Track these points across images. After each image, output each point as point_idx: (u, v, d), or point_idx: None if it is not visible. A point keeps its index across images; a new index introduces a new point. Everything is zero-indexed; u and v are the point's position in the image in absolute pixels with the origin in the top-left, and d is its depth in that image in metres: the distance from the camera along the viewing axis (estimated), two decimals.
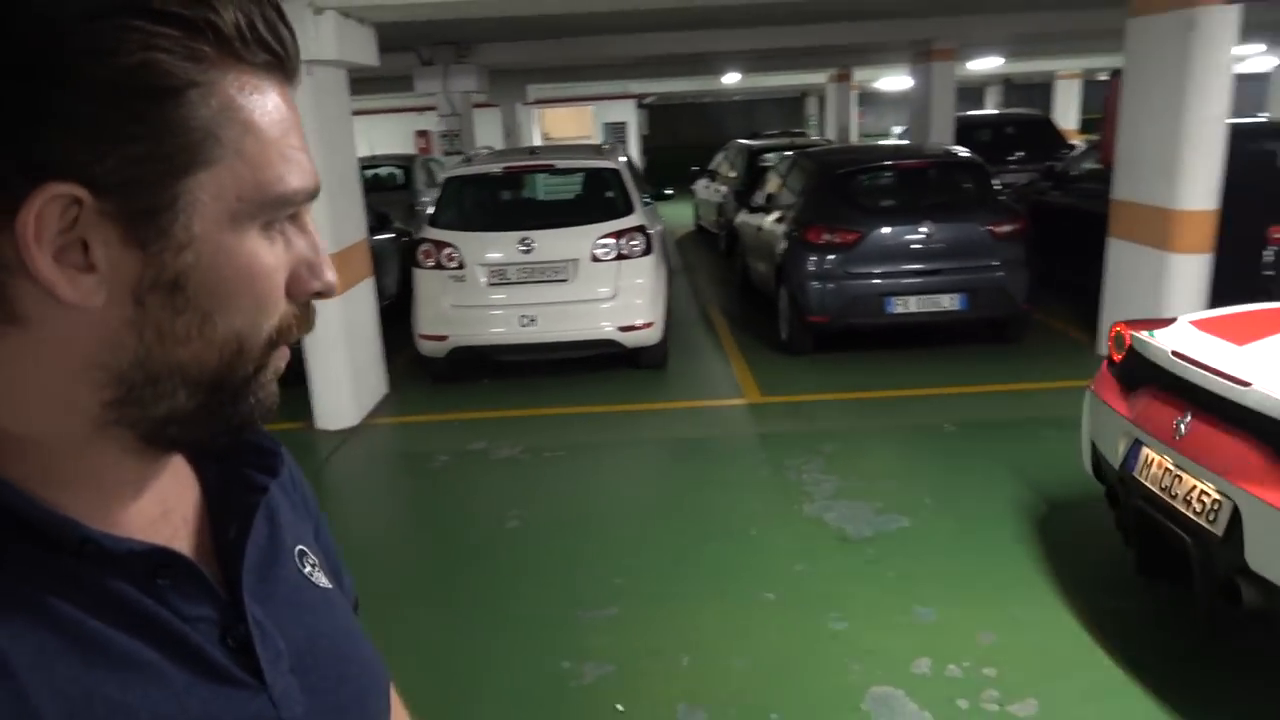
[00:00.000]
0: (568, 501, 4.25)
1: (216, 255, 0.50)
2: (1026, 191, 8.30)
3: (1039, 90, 22.34)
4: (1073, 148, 11.63)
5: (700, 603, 3.26)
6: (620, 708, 2.67)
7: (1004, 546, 3.54)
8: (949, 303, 5.97)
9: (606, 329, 5.71)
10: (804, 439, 4.79)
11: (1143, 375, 2.98)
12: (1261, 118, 10.96)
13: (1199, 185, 5.14)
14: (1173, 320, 3.11)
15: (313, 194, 0.54)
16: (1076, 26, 9.28)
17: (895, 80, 17.74)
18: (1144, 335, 3.02)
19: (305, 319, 0.56)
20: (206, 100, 0.48)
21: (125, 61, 0.45)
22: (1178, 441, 2.65)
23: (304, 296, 0.55)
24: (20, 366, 0.48)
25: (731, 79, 17.57)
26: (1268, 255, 5.42)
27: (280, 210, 0.52)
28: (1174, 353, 2.78)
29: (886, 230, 6.02)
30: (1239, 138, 5.36)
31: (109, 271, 0.47)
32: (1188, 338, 2.89)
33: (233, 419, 0.54)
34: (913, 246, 5.98)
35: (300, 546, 0.68)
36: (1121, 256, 5.74)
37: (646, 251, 5.79)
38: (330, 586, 0.68)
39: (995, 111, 16.83)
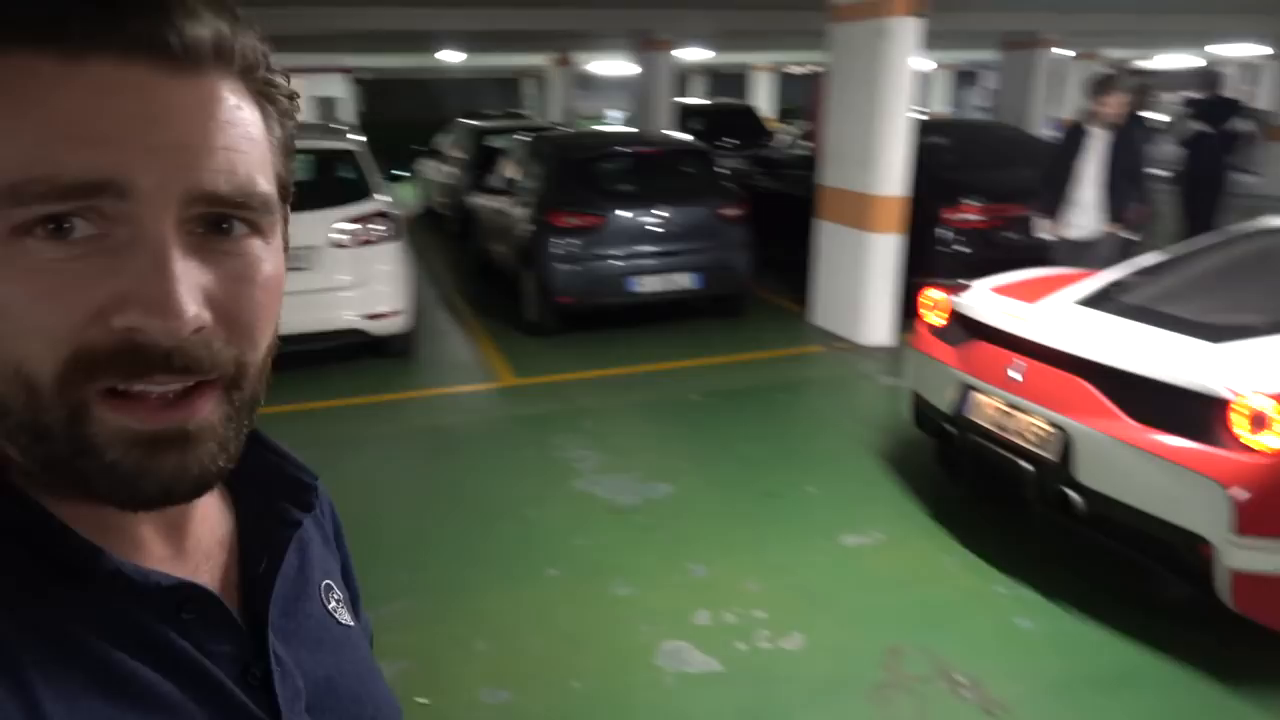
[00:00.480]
0: (335, 501, 4.09)
1: None
2: (738, 176, 9.00)
3: (735, 80, 24.13)
4: (772, 135, 12.71)
5: (488, 587, 3.31)
6: (423, 700, 2.68)
7: (757, 501, 3.91)
8: (685, 281, 6.38)
9: (351, 318, 5.50)
10: (563, 418, 4.94)
11: (967, 332, 3.52)
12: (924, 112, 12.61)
13: (891, 173, 5.89)
14: (968, 286, 3.73)
15: (81, 189, 0.44)
16: (776, 25, 10.15)
17: (610, 65, 18.34)
18: (962, 298, 3.61)
19: (137, 357, 0.45)
20: None
21: None
22: (1011, 385, 3.20)
23: (120, 324, 0.45)
24: None
25: (454, 57, 17.26)
26: (942, 234, 6.34)
27: (21, 209, 0.43)
28: (1003, 311, 3.37)
29: (626, 214, 6.31)
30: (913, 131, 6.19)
31: None
32: (990, 300, 3.55)
33: (92, 487, 0.47)
34: (650, 229, 6.32)
35: (327, 581, 0.67)
36: (827, 236, 6.44)
37: (390, 236, 5.64)
38: (352, 624, 0.68)
39: (708, 100, 17.92)
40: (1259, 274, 3.47)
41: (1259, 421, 2.53)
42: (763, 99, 22.23)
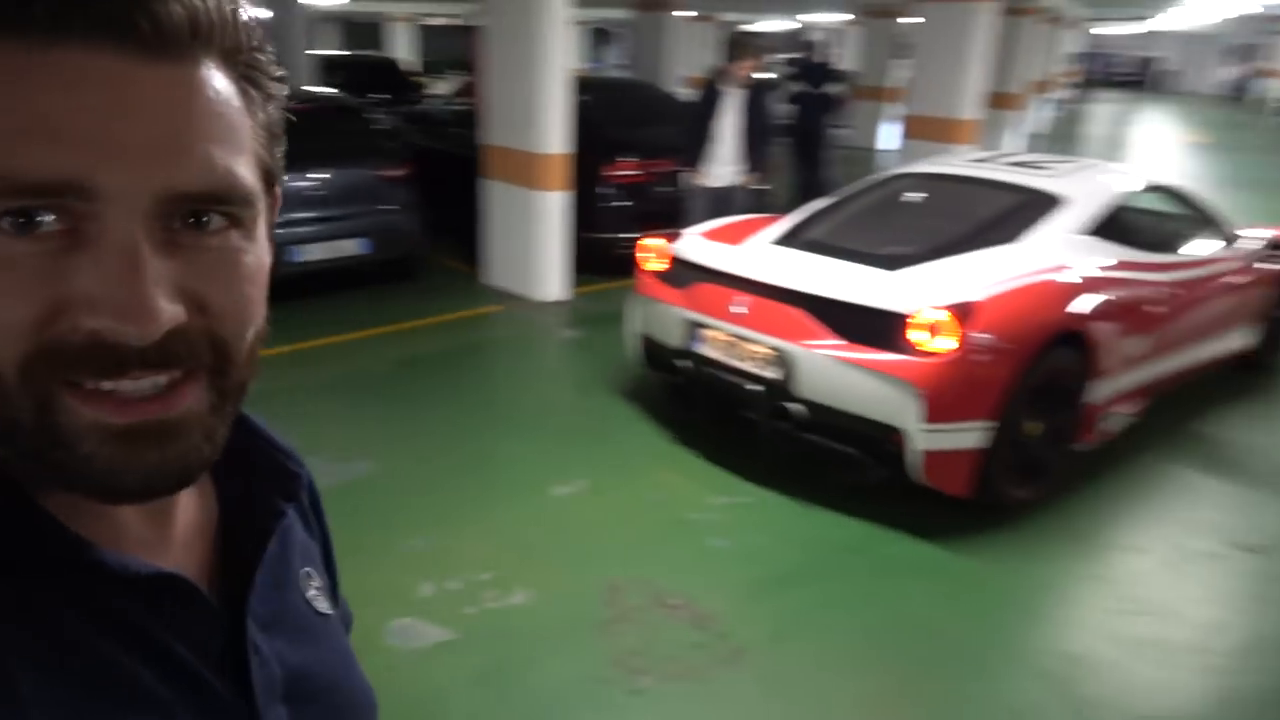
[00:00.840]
0: None
1: None
2: (395, 135, 8.71)
3: (369, 31, 23.07)
4: (420, 90, 12.39)
5: None
6: None
7: (464, 466, 3.95)
8: (351, 247, 6.11)
9: None
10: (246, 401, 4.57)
11: (688, 276, 3.88)
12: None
13: (554, 131, 6.06)
14: (680, 234, 4.15)
15: (39, 187, 0.42)
16: None
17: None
18: (678, 245, 4.00)
19: (101, 355, 0.43)
20: None
21: None
22: (735, 318, 3.66)
23: (84, 325, 0.43)
24: None
25: None
26: (604, 190, 6.67)
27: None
28: (718, 253, 3.81)
29: (283, 178, 5.86)
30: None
31: None
32: (704, 245, 4.00)
33: (70, 481, 0.46)
34: (307, 194, 5.95)
35: (307, 568, 0.66)
36: (495, 195, 6.50)
37: None
38: (330, 612, 0.66)
39: (346, 52, 16.98)
40: (904, 212, 4.38)
41: (933, 330, 3.19)
42: (402, 51, 21.52)
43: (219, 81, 0.46)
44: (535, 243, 6.23)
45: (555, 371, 5.22)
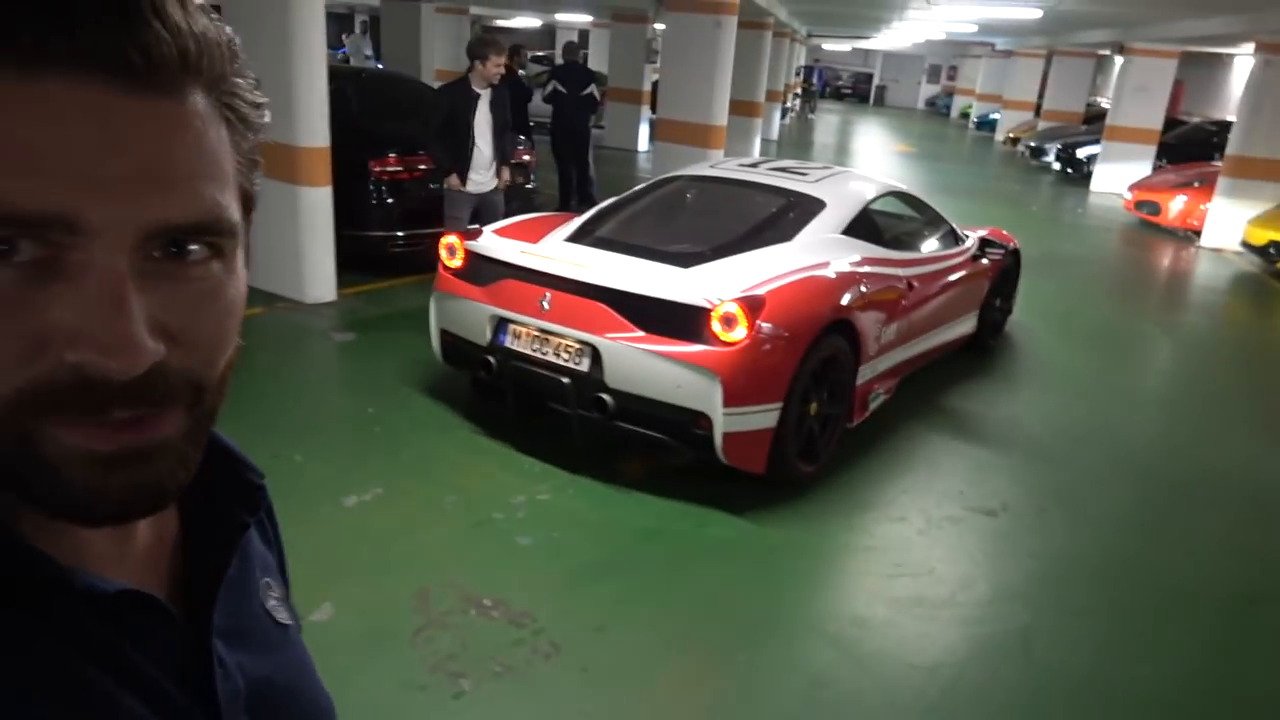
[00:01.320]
0: None
1: None
2: None
3: None
4: None
5: None
6: None
7: None
8: None
9: None
10: None
11: (491, 273, 3.86)
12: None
13: (314, 123, 5.74)
14: (480, 232, 4.12)
15: (25, 218, 0.40)
16: None
17: None
18: (477, 243, 4.00)
19: (87, 391, 0.43)
20: None
21: None
22: (543, 314, 3.70)
23: (69, 360, 0.42)
24: None
25: None
26: (371, 186, 6.40)
27: None
28: (519, 250, 3.82)
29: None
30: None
31: None
32: (502, 243, 4.00)
33: (39, 497, 0.45)
34: None
35: (266, 578, 0.66)
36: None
37: None
38: (290, 623, 0.67)
39: None
40: (688, 212, 4.67)
41: (729, 322, 3.41)
42: None
43: (206, 112, 0.46)
44: (300, 241, 5.87)
45: (331, 376, 4.96)
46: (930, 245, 5.19)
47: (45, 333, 0.42)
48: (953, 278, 5.09)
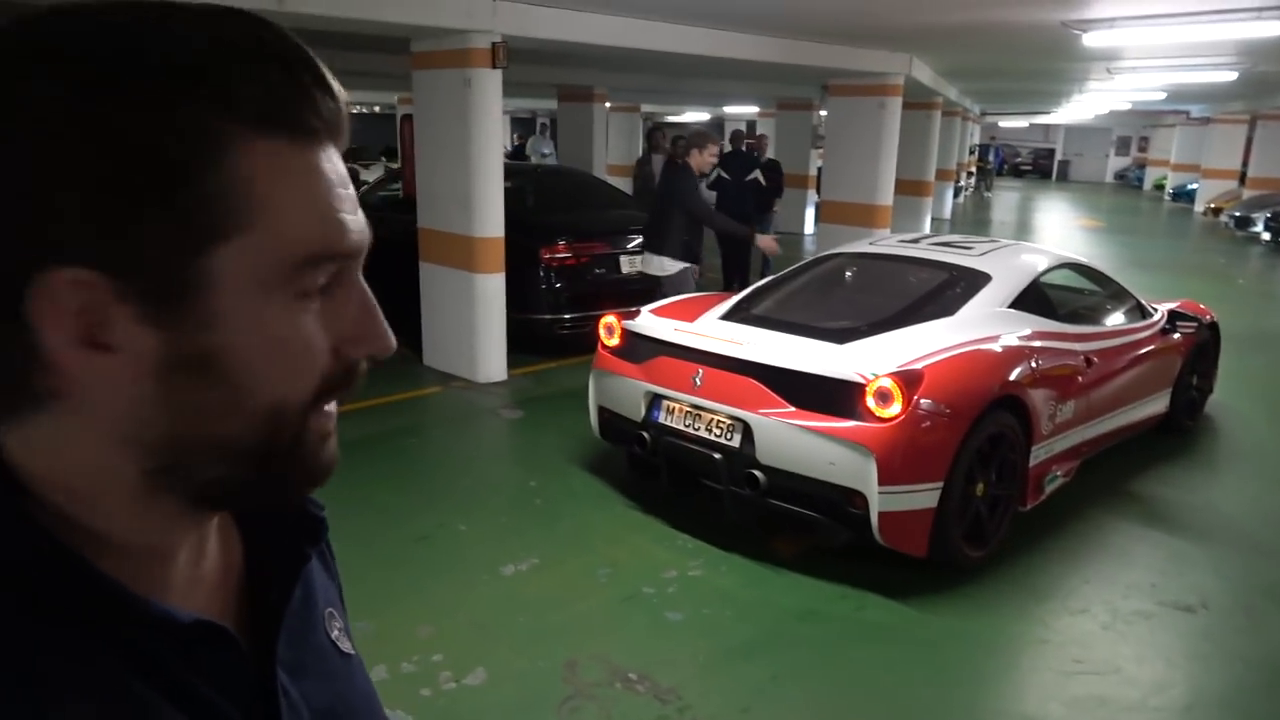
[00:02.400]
0: None
1: (247, 328, 0.49)
2: None
3: None
4: (353, 173, 12.45)
5: None
6: None
7: (409, 547, 3.85)
8: None
9: None
10: None
11: (647, 351, 3.99)
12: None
13: (490, 216, 6.14)
14: (638, 312, 4.26)
15: (354, 253, 0.53)
16: (352, 66, 9.94)
17: None
18: (635, 322, 4.11)
19: (351, 380, 0.54)
20: (226, 175, 0.47)
21: (133, 141, 0.45)
22: (695, 390, 3.77)
23: (353, 358, 0.54)
24: (63, 437, 0.49)
25: None
26: (540, 273, 6.73)
27: (312, 274, 0.50)
28: (674, 329, 3.93)
29: None
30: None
31: (129, 351, 0.47)
32: (659, 322, 4.11)
33: (286, 486, 0.55)
34: None
35: (329, 608, 0.68)
36: (434, 278, 6.51)
37: None
38: (352, 653, 0.68)
39: None
40: (845, 289, 4.65)
41: (883, 397, 3.33)
42: None
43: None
44: (473, 324, 6.23)
45: (498, 451, 5.18)
46: (1111, 319, 4.88)
47: (332, 344, 0.52)
48: (1138, 353, 4.74)
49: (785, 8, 6.32)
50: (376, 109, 24.40)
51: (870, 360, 3.50)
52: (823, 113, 14.28)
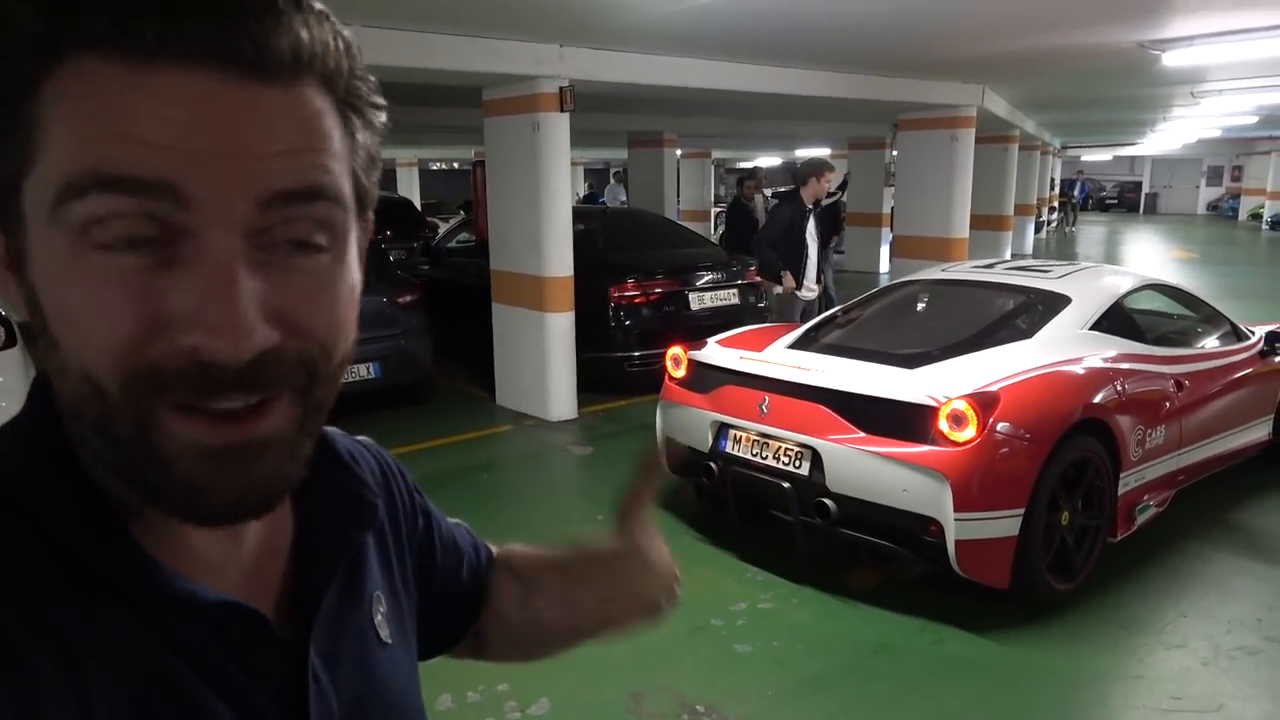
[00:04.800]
0: None
1: (43, 275, 0.45)
2: (406, 268, 8.96)
3: (385, 175, 24.09)
4: (433, 226, 12.83)
5: None
6: None
7: None
8: (365, 372, 6.18)
9: None
10: None
11: (713, 380, 3.97)
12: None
13: (559, 256, 6.23)
14: (704, 343, 4.24)
15: (151, 181, 0.42)
16: (435, 120, 10.24)
17: None
18: (702, 353, 4.12)
19: (200, 378, 0.44)
20: (43, 97, 0.43)
21: None
22: (763, 418, 3.70)
23: (181, 343, 0.44)
24: (50, 364, 0.48)
25: None
26: (611, 310, 6.79)
27: (85, 208, 0.42)
28: (741, 358, 3.90)
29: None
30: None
31: (13, 288, 0.48)
32: (725, 352, 4.09)
33: (160, 499, 0.47)
34: None
35: (377, 591, 0.66)
36: (505, 318, 6.61)
37: None
38: (391, 641, 0.65)
39: None
40: (916, 316, 4.56)
41: (957, 420, 3.21)
42: (403, 191, 22.38)
43: (319, 105, 0.47)
44: (544, 363, 6.29)
45: (568, 485, 5.17)
46: (1204, 342, 4.65)
47: (163, 317, 0.43)
48: (1233, 376, 4.50)
49: (849, 40, 6.31)
50: (455, 164, 25.21)
51: (943, 383, 3.39)
52: (894, 152, 14.20)
